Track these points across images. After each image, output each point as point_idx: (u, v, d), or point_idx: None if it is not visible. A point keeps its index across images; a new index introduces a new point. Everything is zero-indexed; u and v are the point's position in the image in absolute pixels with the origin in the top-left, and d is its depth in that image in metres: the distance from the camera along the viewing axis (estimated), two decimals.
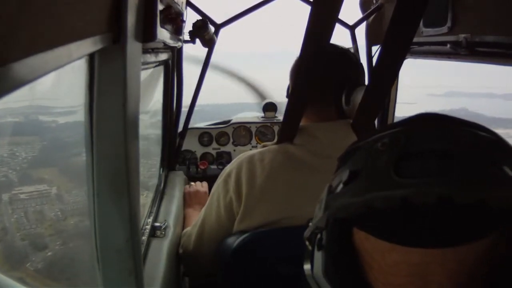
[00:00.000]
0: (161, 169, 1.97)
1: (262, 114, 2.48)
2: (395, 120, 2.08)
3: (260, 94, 2.98)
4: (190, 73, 2.01)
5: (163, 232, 1.36)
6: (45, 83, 0.79)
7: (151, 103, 1.80)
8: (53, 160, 1.04)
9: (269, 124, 2.42)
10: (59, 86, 0.84)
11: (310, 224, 0.53)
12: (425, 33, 1.42)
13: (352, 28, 2.00)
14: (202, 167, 2.30)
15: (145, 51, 1.16)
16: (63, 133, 1.10)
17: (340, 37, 1.75)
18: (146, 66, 1.34)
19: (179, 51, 1.85)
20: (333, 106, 1.23)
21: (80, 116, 0.80)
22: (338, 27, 1.86)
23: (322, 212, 0.47)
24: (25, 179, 0.94)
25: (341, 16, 1.89)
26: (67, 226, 1.09)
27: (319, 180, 1.13)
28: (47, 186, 1.01)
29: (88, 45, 0.62)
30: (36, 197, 0.95)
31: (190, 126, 2.17)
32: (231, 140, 2.40)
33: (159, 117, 1.92)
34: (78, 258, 1.10)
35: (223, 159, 2.36)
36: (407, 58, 1.68)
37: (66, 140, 1.09)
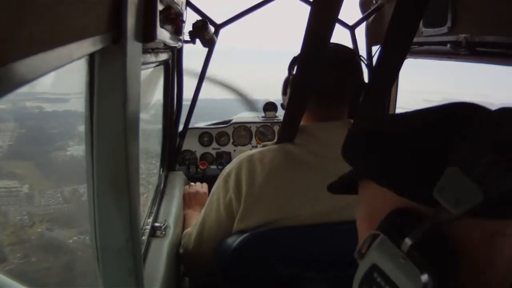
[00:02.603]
0: (161, 169, 1.97)
1: (262, 114, 2.48)
2: None
3: (251, 105, 2.97)
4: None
5: (163, 232, 1.36)
6: (45, 83, 0.79)
7: (151, 103, 1.80)
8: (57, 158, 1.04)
9: (269, 124, 2.42)
10: (59, 87, 0.84)
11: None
12: (425, 33, 1.42)
13: (352, 28, 2.00)
14: (202, 167, 2.31)
15: (145, 51, 1.16)
16: (64, 134, 1.10)
17: (340, 37, 1.75)
18: (146, 66, 1.34)
19: (179, 51, 1.85)
20: (348, 105, 1.24)
21: (79, 115, 0.80)
22: (338, 27, 1.86)
23: (479, 191, 0.38)
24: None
25: (341, 16, 1.89)
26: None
27: (319, 180, 1.14)
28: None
29: (88, 45, 0.62)
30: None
31: (190, 126, 2.18)
32: (231, 140, 2.40)
33: (159, 117, 1.92)
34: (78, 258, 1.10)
35: (223, 159, 2.36)
36: (407, 58, 1.68)
37: (67, 140, 1.08)
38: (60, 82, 0.84)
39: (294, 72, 1.29)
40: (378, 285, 0.47)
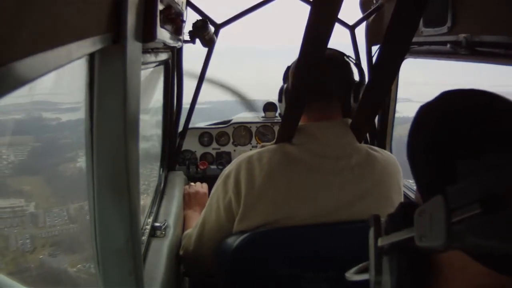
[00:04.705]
0: (161, 169, 1.97)
1: (262, 114, 2.48)
2: (395, 120, 2.08)
3: (250, 106, 2.93)
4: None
5: (163, 232, 1.36)
6: (45, 83, 0.79)
7: (151, 103, 1.80)
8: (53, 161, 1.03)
9: (269, 124, 2.42)
10: (59, 86, 0.83)
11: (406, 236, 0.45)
12: (425, 33, 1.41)
13: (352, 28, 2.00)
14: (202, 167, 2.31)
15: (145, 51, 1.16)
16: (62, 133, 1.10)
17: (340, 37, 1.75)
18: (146, 66, 1.34)
19: (179, 51, 1.85)
20: (339, 104, 1.24)
21: (79, 115, 0.80)
22: (338, 27, 1.86)
23: (443, 237, 0.38)
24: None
25: (341, 16, 1.89)
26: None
27: (318, 179, 1.15)
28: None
29: (88, 45, 0.62)
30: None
31: (190, 126, 2.17)
32: (231, 140, 2.40)
33: (159, 117, 1.92)
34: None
35: (223, 159, 2.36)
36: (407, 58, 1.68)
37: (64, 140, 1.08)
38: (61, 87, 0.83)
39: (294, 70, 1.29)
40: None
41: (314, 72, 1.15)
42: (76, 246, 1.08)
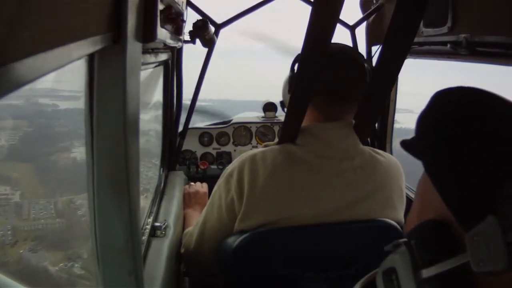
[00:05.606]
0: (161, 169, 1.97)
1: (263, 114, 2.48)
2: (395, 121, 2.08)
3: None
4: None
5: (163, 232, 1.36)
6: (45, 83, 0.79)
7: (151, 103, 1.80)
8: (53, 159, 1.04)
9: (269, 124, 2.42)
10: (58, 86, 0.83)
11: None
12: (425, 33, 1.42)
13: (352, 28, 2.00)
14: (202, 167, 2.31)
15: (145, 51, 1.16)
16: (62, 132, 1.10)
17: (340, 37, 1.75)
18: (146, 66, 1.34)
19: (179, 51, 1.85)
20: (356, 108, 1.24)
21: (79, 115, 0.80)
22: (338, 27, 1.86)
23: (505, 260, 0.37)
24: None
25: (341, 16, 1.89)
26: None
27: (320, 180, 1.15)
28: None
29: (88, 45, 0.62)
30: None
31: (190, 126, 2.18)
32: (231, 140, 2.40)
33: (159, 117, 1.92)
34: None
35: (223, 159, 2.36)
36: (407, 58, 1.68)
37: (65, 139, 1.08)
38: (60, 82, 0.83)
39: (296, 72, 1.29)
40: (392, 286, 0.49)
41: (338, 75, 1.15)
42: (71, 243, 1.08)
